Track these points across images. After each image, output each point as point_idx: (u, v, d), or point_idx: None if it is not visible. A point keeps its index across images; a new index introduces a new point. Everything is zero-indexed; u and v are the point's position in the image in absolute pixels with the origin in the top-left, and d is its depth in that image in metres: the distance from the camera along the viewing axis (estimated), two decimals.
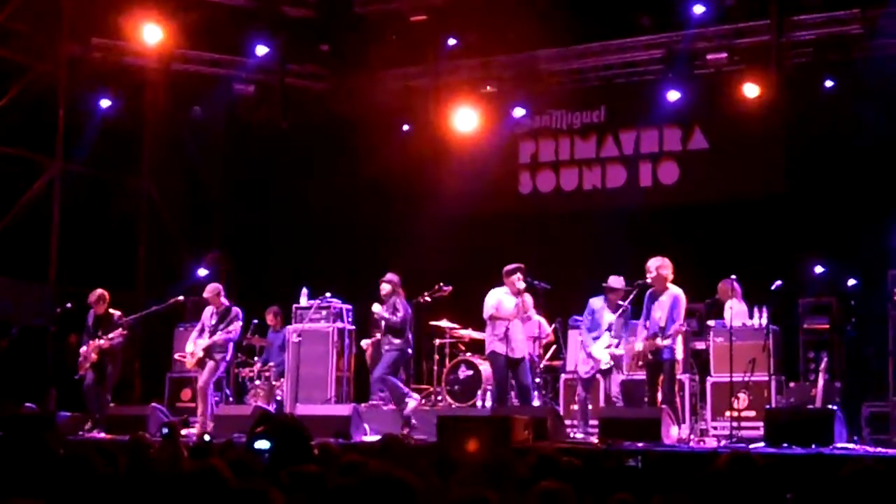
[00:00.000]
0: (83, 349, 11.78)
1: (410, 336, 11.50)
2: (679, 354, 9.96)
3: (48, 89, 13.71)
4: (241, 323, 11.72)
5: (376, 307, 11.45)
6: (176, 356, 12.29)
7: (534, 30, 13.54)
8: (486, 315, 11.04)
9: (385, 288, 11.43)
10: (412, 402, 11.05)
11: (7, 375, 12.89)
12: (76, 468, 4.02)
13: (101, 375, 11.68)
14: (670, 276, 10.14)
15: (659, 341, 9.84)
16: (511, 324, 10.81)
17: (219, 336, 11.48)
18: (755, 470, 3.62)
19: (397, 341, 11.28)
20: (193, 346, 11.65)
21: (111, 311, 11.88)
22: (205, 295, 11.81)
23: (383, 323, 11.38)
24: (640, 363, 10.14)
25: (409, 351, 11.57)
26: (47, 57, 13.77)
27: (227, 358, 11.84)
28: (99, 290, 11.97)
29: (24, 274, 13.67)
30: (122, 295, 12.97)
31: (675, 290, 10.12)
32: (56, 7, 13.63)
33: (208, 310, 11.75)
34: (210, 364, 11.55)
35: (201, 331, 11.67)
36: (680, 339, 9.93)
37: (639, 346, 10.20)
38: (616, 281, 10.62)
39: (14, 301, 13.49)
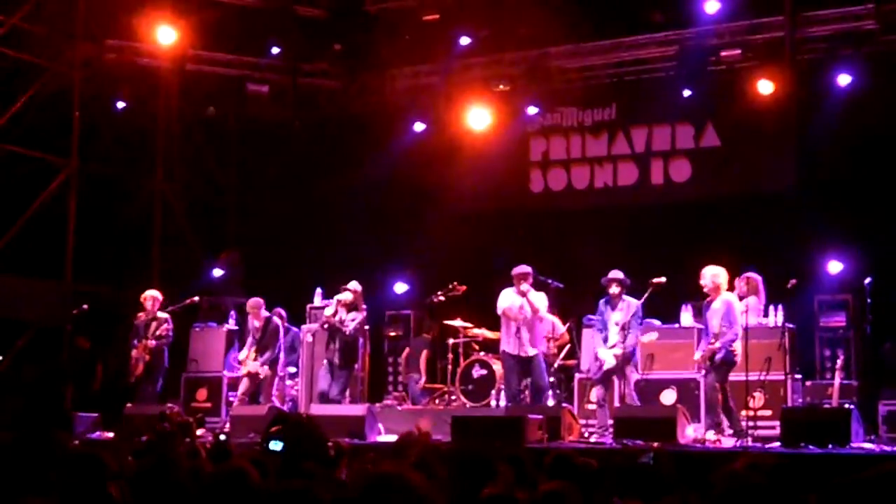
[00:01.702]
0: (134, 353, 11.95)
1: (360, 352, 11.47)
2: (738, 358, 9.92)
3: (63, 91, 13.77)
4: (280, 334, 11.90)
5: (328, 311, 11.36)
6: (231, 359, 12.40)
7: (545, 27, 13.55)
8: (498, 312, 11.11)
9: (347, 297, 11.27)
10: None
11: (23, 375, 12.98)
12: (89, 468, 4.03)
13: (149, 375, 11.90)
14: (725, 285, 10.10)
15: (716, 344, 9.83)
16: (521, 323, 10.83)
17: (266, 355, 11.79)
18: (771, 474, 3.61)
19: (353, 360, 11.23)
20: (248, 352, 11.89)
21: (160, 314, 12.08)
22: (248, 309, 11.99)
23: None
24: (703, 370, 10.13)
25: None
26: (62, 58, 13.83)
27: (281, 366, 12.07)
28: (151, 293, 12.17)
29: (40, 273, 13.74)
30: (138, 295, 13.01)
31: (727, 296, 10.08)
32: (70, 9, 13.69)
33: (252, 321, 11.97)
34: (268, 375, 11.85)
35: (251, 343, 11.95)
36: (739, 342, 9.90)
37: (697, 355, 10.21)
38: (611, 273, 10.63)
39: (30, 300, 13.57)
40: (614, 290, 10.52)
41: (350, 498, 3.07)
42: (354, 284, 11.36)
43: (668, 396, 11.02)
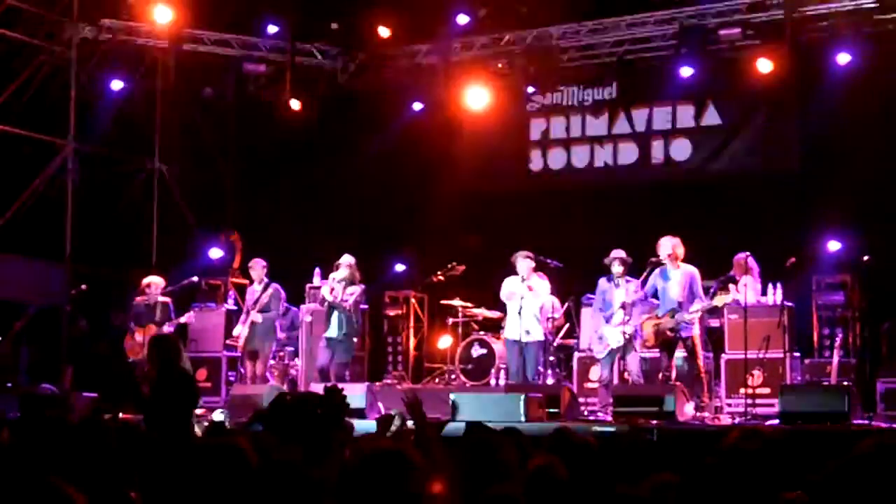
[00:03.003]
0: (138, 337, 11.92)
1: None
2: (697, 331, 9.96)
3: (59, 71, 13.72)
4: (282, 299, 11.93)
5: (325, 290, 11.34)
6: (228, 341, 12.44)
7: (545, 5, 13.49)
8: (502, 298, 11.17)
9: (342, 274, 11.23)
10: None
11: (23, 356, 12.99)
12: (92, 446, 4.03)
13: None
14: (682, 255, 10.13)
15: (679, 317, 9.82)
16: (523, 302, 10.85)
17: (257, 317, 11.75)
18: (766, 445, 3.61)
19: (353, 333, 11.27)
20: (242, 327, 11.86)
21: (161, 299, 12.05)
22: (250, 267, 11.99)
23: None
24: (653, 343, 10.11)
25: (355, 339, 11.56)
26: (58, 38, 13.77)
27: (277, 338, 12.02)
28: (154, 278, 12.17)
29: (39, 254, 13.73)
30: (136, 275, 13.02)
31: (688, 268, 10.09)
32: None
33: (251, 288, 11.97)
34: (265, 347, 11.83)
35: (247, 311, 11.90)
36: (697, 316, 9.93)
37: (647, 327, 10.15)
38: (614, 253, 10.61)
39: (29, 281, 13.56)
40: (617, 269, 10.52)
41: (348, 475, 3.06)
42: (347, 258, 11.34)
43: None
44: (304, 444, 4.59)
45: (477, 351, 12.42)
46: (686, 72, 13.18)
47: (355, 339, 11.54)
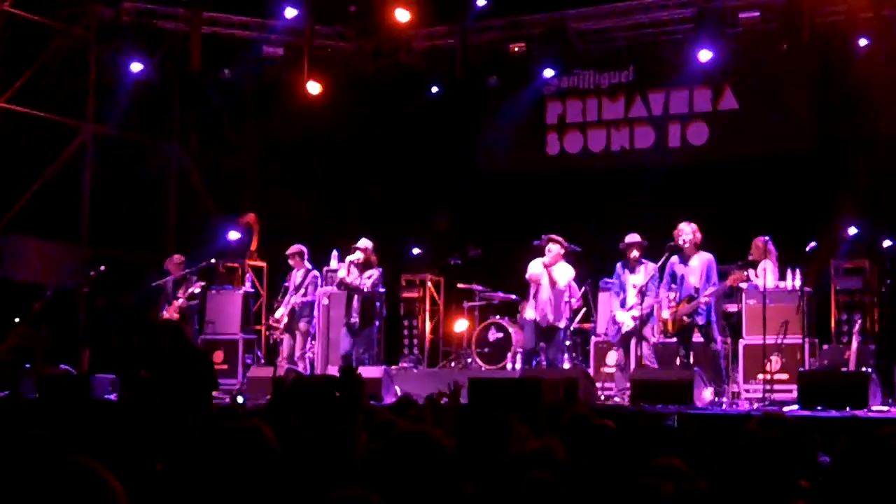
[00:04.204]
0: (165, 314, 12.05)
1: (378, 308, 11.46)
2: (713, 317, 9.95)
3: (79, 53, 13.74)
4: (317, 285, 11.97)
5: (342, 272, 11.31)
6: (271, 321, 12.50)
7: None
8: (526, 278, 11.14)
9: (358, 257, 11.20)
10: None
11: (41, 337, 13.07)
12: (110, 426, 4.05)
13: None
14: (700, 241, 10.10)
15: (695, 302, 9.81)
16: (540, 288, 10.81)
17: (297, 299, 11.81)
18: (787, 430, 3.60)
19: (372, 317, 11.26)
20: (284, 310, 11.94)
21: (188, 275, 12.17)
22: (290, 256, 12.03)
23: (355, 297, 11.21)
24: (672, 331, 10.08)
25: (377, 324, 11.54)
26: (77, 20, 13.79)
27: (313, 322, 12.06)
28: (178, 256, 12.32)
29: (57, 236, 13.80)
30: (153, 257, 13.07)
31: (705, 255, 10.05)
32: None
33: (293, 273, 12.06)
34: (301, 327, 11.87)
35: (285, 294, 11.96)
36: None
37: (665, 314, 10.13)
38: (630, 237, 10.57)
39: (47, 263, 13.63)
40: (634, 254, 10.50)
41: (373, 457, 3.07)
42: (364, 242, 11.32)
43: None
44: (322, 426, 4.62)
45: (493, 335, 12.43)
46: (705, 56, 13.07)
47: (376, 324, 11.52)
